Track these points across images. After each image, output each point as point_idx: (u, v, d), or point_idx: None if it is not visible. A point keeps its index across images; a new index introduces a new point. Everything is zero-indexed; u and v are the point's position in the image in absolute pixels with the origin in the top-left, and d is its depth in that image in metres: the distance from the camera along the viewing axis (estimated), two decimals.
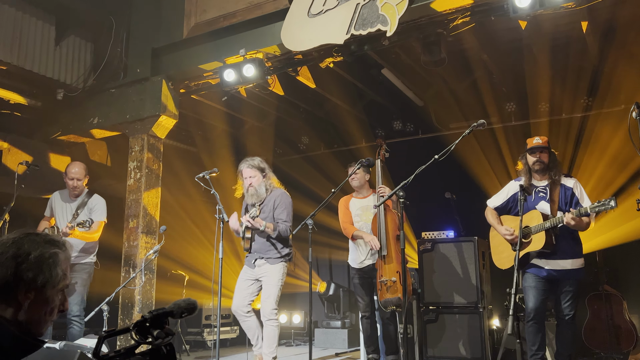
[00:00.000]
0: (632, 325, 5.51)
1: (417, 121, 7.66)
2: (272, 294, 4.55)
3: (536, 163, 4.23)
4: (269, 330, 4.53)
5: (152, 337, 1.51)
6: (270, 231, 4.57)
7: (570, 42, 5.76)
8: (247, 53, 5.27)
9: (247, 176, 4.72)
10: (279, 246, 4.66)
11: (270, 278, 4.58)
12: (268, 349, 4.52)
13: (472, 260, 5.52)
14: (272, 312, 4.54)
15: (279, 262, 4.63)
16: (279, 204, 4.69)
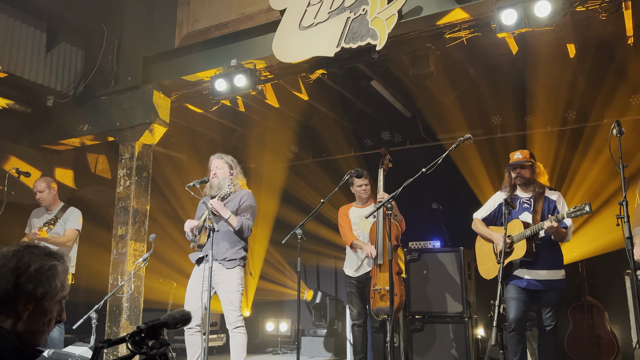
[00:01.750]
0: (613, 335, 5.62)
1: (405, 132, 7.77)
2: (234, 301, 4.33)
3: (517, 178, 4.36)
4: (236, 339, 4.33)
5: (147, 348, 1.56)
6: (233, 223, 4.38)
7: (555, 58, 5.88)
8: (238, 63, 5.33)
9: (215, 167, 4.60)
10: (236, 248, 4.46)
11: (228, 285, 4.36)
12: (238, 359, 4.34)
13: (457, 270, 5.61)
14: (238, 319, 4.33)
15: (236, 267, 4.41)
16: (245, 201, 4.55)
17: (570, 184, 6.42)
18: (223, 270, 4.37)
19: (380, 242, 4.90)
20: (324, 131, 7.78)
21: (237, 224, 4.40)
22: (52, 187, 5.19)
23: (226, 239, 4.44)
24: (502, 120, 7.04)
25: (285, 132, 8.06)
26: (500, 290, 3.06)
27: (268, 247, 8.52)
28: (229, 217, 4.37)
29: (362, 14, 4.64)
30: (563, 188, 6.27)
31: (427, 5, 4.50)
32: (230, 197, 4.57)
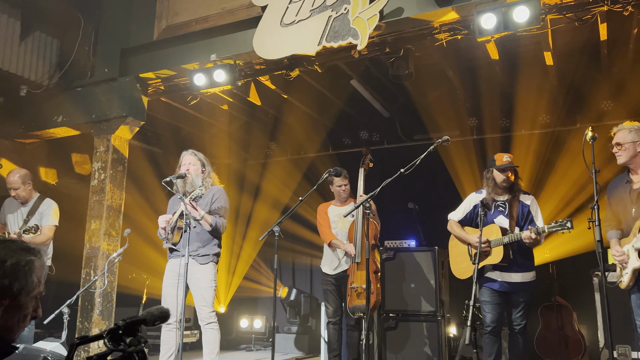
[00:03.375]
0: (580, 335, 5.76)
1: (383, 132, 7.82)
2: (207, 297, 4.31)
3: (505, 181, 4.39)
4: (209, 335, 4.31)
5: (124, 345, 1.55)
6: (207, 223, 4.34)
7: (532, 62, 6.00)
8: (218, 58, 5.30)
9: (187, 162, 4.52)
10: (211, 244, 4.43)
11: (202, 281, 4.32)
12: (210, 356, 4.31)
13: (431, 269, 5.68)
14: (211, 315, 4.31)
15: (210, 263, 4.39)
16: (217, 198, 4.51)
17: (544, 188, 6.55)
18: (196, 266, 4.33)
19: (359, 240, 4.93)
20: (302, 129, 7.78)
21: (211, 223, 4.36)
22: (28, 183, 5.06)
23: (199, 238, 4.39)
24: (477, 123, 7.14)
25: (263, 129, 8.04)
26: (475, 290, 3.11)
27: (242, 245, 8.49)
28: (202, 217, 4.33)
29: (343, 13, 4.66)
30: (537, 191, 6.40)
31: (408, 6, 4.54)
32: (202, 196, 4.51)
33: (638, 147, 3.68)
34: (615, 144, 3.72)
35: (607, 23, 4.79)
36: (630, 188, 3.74)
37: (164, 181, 4.40)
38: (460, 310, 6.29)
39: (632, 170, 3.74)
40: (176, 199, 4.63)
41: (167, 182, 4.40)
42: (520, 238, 4.14)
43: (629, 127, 3.73)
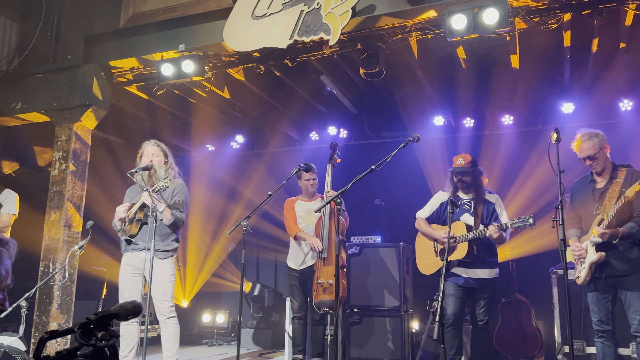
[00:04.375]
0: (538, 331, 5.95)
1: (351, 128, 7.86)
2: (167, 292, 4.27)
3: (458, 183, 4.54)
4: (169, 330, 4.27)
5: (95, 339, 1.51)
6: (166, 217, 4.25)
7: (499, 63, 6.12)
8: (186, 49, 5.21)
9: (150, 153, 4.44)
10: (170, 239, 4.37)
11: (162, 275, 4.26)
12: (171, 351, 4.27)
13: (396, 265, 5.75)
14: (171, 310, 4.28)
15: (169, 257, 4.34)
16: (178, 192, 4.44)
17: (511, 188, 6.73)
18: (156, 261, 4.22)
19: (325, 236, 4.95)
20: (270, 123, 7.73)
21: (170, 217, 4.29)
22: None
23: (158, 232, 4.29)
24: (445, 122, 7.25)
25: (231, 122, 7.94)
26: (443, 286, 3.17)
27: (205, 239, 8.39)
28: (164, 210, 4.24)
29: (316, 8, 4.64)
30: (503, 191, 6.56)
31: (380, 4, 4.56)
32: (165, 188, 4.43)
33: (605, 151, 3.82)
34: (587, 157, 3.81)
35: (571, 29, 4.94)
36: (593, 188, 3.88)
37: (129, 172, 4.33)
38: (423, 306, 6.41)
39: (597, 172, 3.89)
40: (135, 189, 4.55)
41: (132, 173, 4.33)
42: (484, 234, 4.26)
43: (588, 135, 3.83)
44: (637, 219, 3.61)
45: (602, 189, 3.83)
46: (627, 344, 4.94)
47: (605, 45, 5.45)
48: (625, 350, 4.95)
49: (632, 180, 3.66)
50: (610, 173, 3.83)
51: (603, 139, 3.84)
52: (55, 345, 4.86)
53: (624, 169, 3.80)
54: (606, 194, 3.76)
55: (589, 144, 3.81)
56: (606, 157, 3.85)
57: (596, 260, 3.67)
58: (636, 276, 3.64)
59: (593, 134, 3.84)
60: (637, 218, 3.61)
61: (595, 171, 3.87)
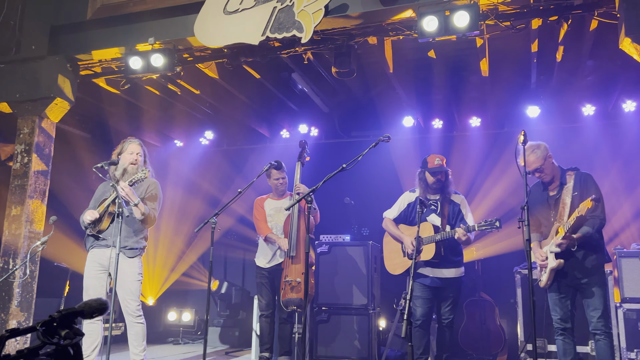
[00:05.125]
0: (501, 329, 6.07)
1: (322, 126, 7.87)
2: (135, 291, 4.22)
3: (435, 182, 4.57)
4: (137, 330, 4.22)
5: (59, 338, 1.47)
6: (139, 212, 4.18)
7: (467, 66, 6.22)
8: (156, 42, 5.12)
9: (135, 152, 4.38)
10: (138, 237, 4.31)
11: (129, 274, 4.21)
12: (138, 349, 4.22)
13: (365, 264, 5.78)
14: (138, 308, 4.23)
15: (137, 256, 4.28)
16: (152, 190, 4.41)
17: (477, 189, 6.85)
18: (124, 259, 4.19)
19: (294, 234, 4.94)
20: (240, 119, 7.66)
21: (144, 211, 4.23)
22: None
23: (128, 227, 4.25)
24: (414, 122, 7.32)
25: (200, 118, 7.85)
26: (411, 286, 3.20)
27: (171, 236, 8.28)
28: (138, 203, 4.16)
29: (288, 5, 4.62)
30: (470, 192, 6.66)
31: (353, 4, 4.57)
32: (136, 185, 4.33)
33: (550, 160, 3.93)
34: (534, 170, 3.89)
35: (539, 35, 5.06)
36: (547, 195, 3.99)
37: (95, 167, 4.22)
38: (391, 304, 6.46)
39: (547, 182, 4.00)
40: (106, 185, 4.44)
41: (98, 168, 4.22)
42: (451, 236, 4.32)
43: (530, 149, 3.88)
44: (590, 222, 3.71)
45: (555, 195, 3.94)
46: (585, 342, 5.09)
47: (571, 51, 5.59)
48: (584, 347, 5.10)
49: (581, 183, 3.78)
50: (560, 179, 3.94)
51: (545, 149, 3.93)
52: (15, 344, 4.71)
53: (572, 172, 3.92)
54: (560, 201, 3.87)
55: (533, 157, 3.88)
56: (553, 166, 3.95)
57: (556, 266, 3.79)
58: (594, 277, 3.76)
59: (535, 146, 3.92)
60: (590, 220, 3.72)
61: (545, 181, 3.98)
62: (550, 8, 4.36)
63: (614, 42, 4.18)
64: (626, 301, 5.19)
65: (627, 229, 6.37)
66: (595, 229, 3.72)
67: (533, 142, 3.92)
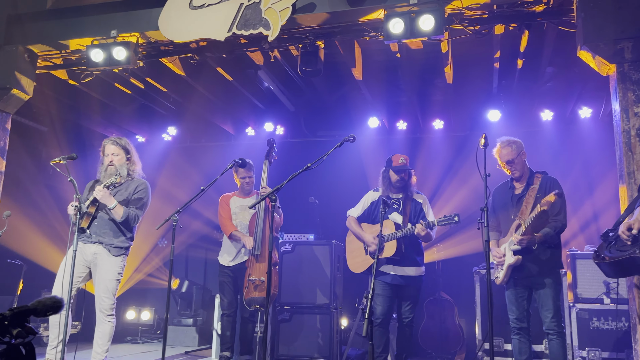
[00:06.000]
0: (460, 328, 6.19)
1: (288, 125, 7.85)
2: (111, 289, 4.19)
3: (398, 181, 4.63)
4: (105, 328, 4.18)
5: (10, 336, 1.42)
6: (117, 214, 4.19)
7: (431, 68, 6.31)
8: (119, 35, 5.01)
9: (110, 153, 4.35)
10: (124, 237, 4.30)
11: (110, 272, 4.20)
12: (102, 348, 4.17)
13: (328, 262, 5.81)
14: (112, 307, 4.21)
15: (121, 255, 4.27)
16: (140, 191, 4.38)
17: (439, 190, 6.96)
18: (108, 256, 4.20)
19: (259, 233, 4.92)
20: (205, 116, 7.56)
21: (122, 215, 4.23)
22: None
23: (112, 227, 4.26)
24: (379, 123, 7.39)
25: (163, 113, 7.71)
26: (372, 284, 3.23)
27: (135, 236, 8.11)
28: (115, 207, 4.19)
29: (255, 2, 4.59)
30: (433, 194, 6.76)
31: (320, 3, 4.58)
32: (123, 184, 4.37)
33: (523, 157, 4.06)
34: (506, 162, 4.03)
35: (501, 40, 5.18)
36: (512, 193, 4.11)
37: (52, 162, 4.13)
38: (353, 303, 6.50)
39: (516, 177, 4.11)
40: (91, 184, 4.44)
41: (56, 162, 4.13)
42: (412, 232, 4.38)
43: (506, 142, 4.06)
44: (551, 224, 3.85)
45: (520, 194, 4.06)
46: (540, 341, 5.24)
47: (532, 57, 5.75)
48: (539, 346, 5.25)
49: (547, 186, 3.91)
50: (528, 179, 4.07)
51: (521, 146, 4.09)
52: None
53: (540, 175, 4.05)
54: (523, 200, 3.99)
55: (507, 149, 4.06)
56: (524, 164, 4.08)
57: (514, 262, 3.89)
58: (549, 277, 3.88)
59: (512, 141, 4.09)
60: (552, 223, 3.85)
61: (515, 176, 4.10)
62: (512, 15, 4.46)
63: (573, 50, 4.31)
64: (579, 301, 5.37)
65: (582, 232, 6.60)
66: (556, 231, 3.85)
67: (511, 138, 4.10)
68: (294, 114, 7.77)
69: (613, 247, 2.99)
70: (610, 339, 5.17)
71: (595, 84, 6.12)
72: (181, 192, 7.72)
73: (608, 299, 5.27)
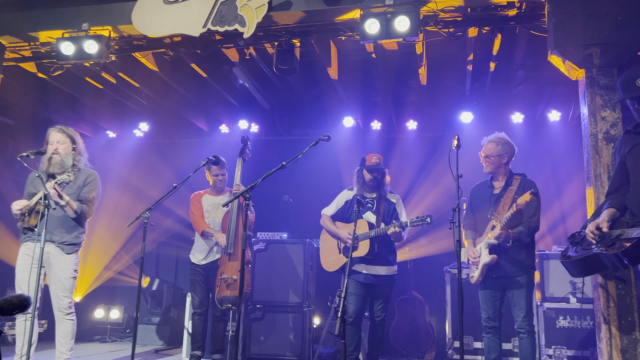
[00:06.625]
0: (430, 327, 6.26)
1: (263, 123, 7.82)
2: (68, 287, 4.09)
3: (372, 180, 4.67)
4: (66, 326, 4.08)
5: None
6: (71, 210, 4.07)
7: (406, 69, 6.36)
8: (90, 28, 4.92)
9: (55, 141, 4.16)
10: (76, 232, 4.17)
11: (65, 271, 4.09)
12: (65, 347, 4.07)
13: (301, 261, 5.81)
14: (70, 306, 4.11)
15: (74, 252, 4.15)
16: (89, 182, 4.22)
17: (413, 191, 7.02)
18: (61, 255, 4.07)
19: (232, 231, 4.88)
20: (178, 112, 7.47)
21: (75, 209, 4.10)
22: None
23: (64, 224, 4.12)
24: (354, 123, 7.41)
25: (135, 109, 7.59)
26: (346, 283, 3.24)
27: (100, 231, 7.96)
28: (67, 203, 4.04)
29: None
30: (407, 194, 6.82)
31: (296, 2, 4.57)
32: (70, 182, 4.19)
33: (502, 160, 4.13)
34: (484, 155, 4.13)
35: (474, 43, 5.25)
36: (490, 193, 4.18)
37: (19, 156, 3.99)
38: (325, 302, 6.52)
39: (495, 177, 4.19)
40: (35, 175, 4.20)
41: (23, 157, 3.99)
42: (385, 232, 4.42)
43: (496, 140, 4.15)
44: (525, 224, 3.93)
45: (498, 194, 4.14)
46: (508, 339, 5.34)
47: (503, 60, 5.84)
48: (507, 345, 5.35)
49: (524, 188, 3.98)
50: (506, 180, 4.14)
51: (507, 150, 4.16)
52: None
53: (519, 177, 4.14)
54: (501, 200, 4.06)
55: (492, 145, 4.16)
56: (501, 165, 4.15)
57: (489, 261, 3.95)
58: (523, 277, 3.96)
59: (503, 142, 4.17)
60: (525, 223, 3.93)
61: (485, 171, 4.19)
62: (485, 18, 4.54)
63: (543, 55, 4.40)
64: (546, 300, 5.48)
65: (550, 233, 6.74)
66: (529, 231, 3.93)
67: (505, 138, 4.18)
68: (268, 112, 7.74)
69: (579, 247, 3.07)
70: (575, 338, 5.30)
71: (565, 88, 6.26)
72: (152, 189, 7.61)
73: (574, 298, 5.40)
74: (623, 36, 3.89)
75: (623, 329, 3.58)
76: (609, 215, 2.98)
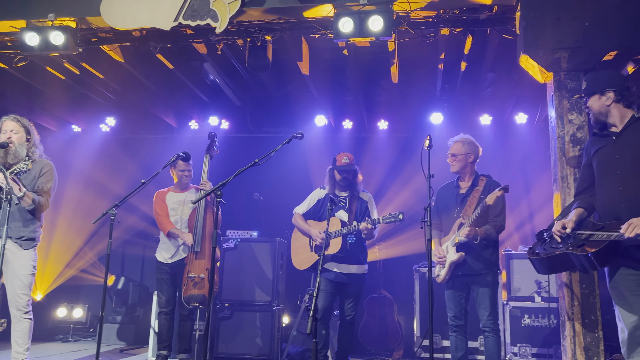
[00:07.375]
0: (399, 325, 6.31)
1: (233, 120, 7.73)
2: (27, 284, 3.95)
3: (342, 180, 4.69)
4: (24, 326, 3.94)
5: None
6: (27, 203, 3.90)
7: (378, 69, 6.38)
8: (57, 19, 4.76)
9: (9, 129, 3.99)
10: (33, 226, 4.02)
11: (23, 267, 3.94)
12: (22, 347, 3.92)
13: (271, 260, 5.77)
14: (28, 304, 3.97)
15: (32, 248, 4.00)
16: (45, 173, 4.08)
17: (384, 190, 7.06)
18: (19, 250, 3.92)
19: (199, 229, 4.81)
20: (146, 107, 7.32)
21: (31, 202, 3.93)
22: None
23: (20, 217, 3.96)
24: (326, 122, 7.40)
25: (102, 103, 7.40)
26: (318, 281, 3.22)
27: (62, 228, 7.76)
28: (23, 195, 3.86)
29: None
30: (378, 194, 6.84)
31: None
32: (27, 171, 4.01)
33: (469, 159, 4.20)
34: (451, 155, 4.19)
35: (446, 44, 5.31)
36: (457, 193, 4.24)
37: None
38: (295, 301, 6.50)
39: (461, 177, 4.25)
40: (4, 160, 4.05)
41: None
42: (358, 229, 4.44)
43: (462, 140, 4.22)
44: (492, 223, 4.00)
45: (464, 194, 4.20)
46: (475, 337, 5.42)
47: (474, 62, 5.92)
48: (474, 343, 5.42)
49: (490, 188, 4.04)
50: (473, 181, 4.21)
51: (473, 150, 4.23)
52: None
53: (485, 178, 4.20)
54: (467, 200, 4.12)
55: (458, 145, 4.23)
56: (468, 165, 4.22)
57: (456, 259, 4.00)
58: (488, 275, 4.02)
59: (468, 142, 4.23)
60: (492, 222, 4.00)
61: (452, 170, 4.25)
62: (457, 20, 4.58)
63: (513, 58, 4.47)
64: (512, 299, 5.59)
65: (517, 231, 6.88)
66: (495, 230, 4.00)
67: (471, 139, 4.25)
68: (239, 109, 7.66)
69: (547, 244, 3.13)
70: (540, 335, 5.42)
71: (532, 92, 6.39)
72: (117, 185, 7.46)
73: (539, 297, 5.52)
74: (590, 41, 3.98)
75: (587, 327, 3.67)
76: (576, 215, 3.04)
